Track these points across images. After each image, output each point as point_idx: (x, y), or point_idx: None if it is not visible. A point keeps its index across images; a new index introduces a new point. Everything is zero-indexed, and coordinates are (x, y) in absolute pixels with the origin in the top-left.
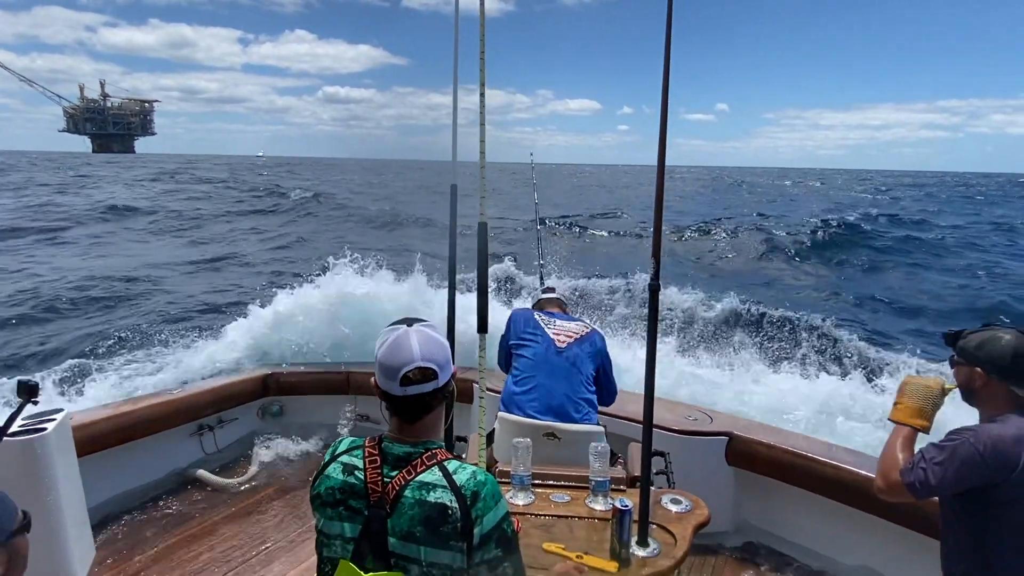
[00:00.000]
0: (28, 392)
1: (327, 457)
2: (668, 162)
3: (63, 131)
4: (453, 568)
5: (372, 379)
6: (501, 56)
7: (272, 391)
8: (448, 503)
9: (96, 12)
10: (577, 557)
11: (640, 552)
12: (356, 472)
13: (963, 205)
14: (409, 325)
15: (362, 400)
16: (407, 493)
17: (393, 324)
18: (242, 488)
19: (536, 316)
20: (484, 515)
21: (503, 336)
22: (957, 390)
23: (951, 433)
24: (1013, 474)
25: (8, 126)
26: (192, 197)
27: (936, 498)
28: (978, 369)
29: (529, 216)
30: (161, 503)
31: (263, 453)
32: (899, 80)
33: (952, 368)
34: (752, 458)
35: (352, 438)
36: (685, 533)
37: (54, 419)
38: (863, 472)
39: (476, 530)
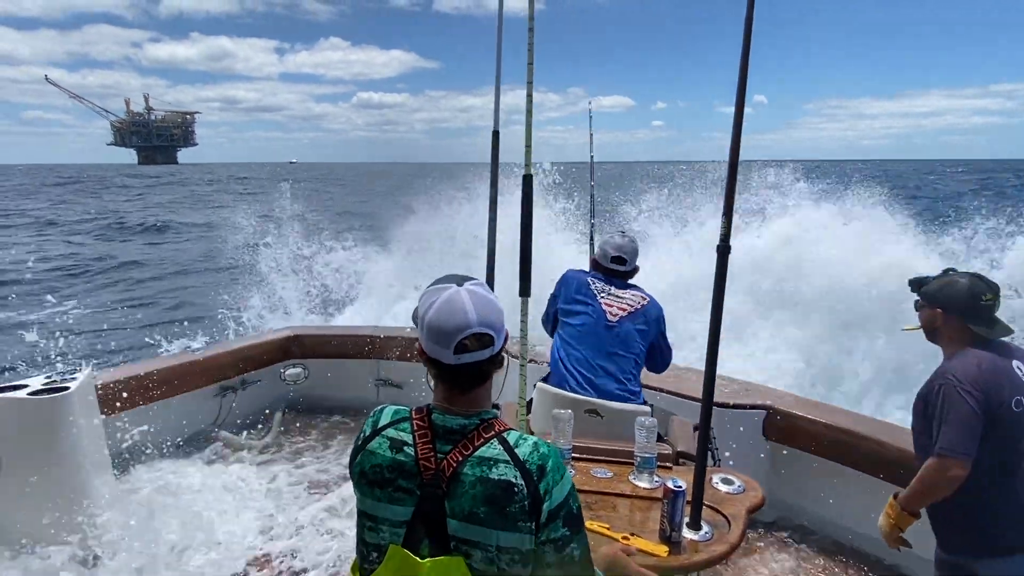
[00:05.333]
0: None
1: (367, 430)
2: (703, 157)
3: (111, 144)
4: (522, 551)
5: (417, 344)
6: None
7: (295, 354)
8: (513, 479)
9: (141, 28)
10: (623, 539)
11: (692, 536)
12: (406, 448)
13: None
14: (459, 284)
15: (385, 364)
16: (466, 470)
17: (439, 282)
18: (262, 451)
19: (590, 281)
20: (552, 488)
21: (552, 295)
22: (920, 331)
23: (925, 393)
24: (991, 399)
25: (61, 141)
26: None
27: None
28: (938, 309)
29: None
30: (181, 462)
31: (284, 417)
32: (948, 65)
33: (917, 311)
34: (791, 432)
35: (395, 407)
36: (739, 516)
37: (76, 377)
38: (909, 450)
39: (544, 506)
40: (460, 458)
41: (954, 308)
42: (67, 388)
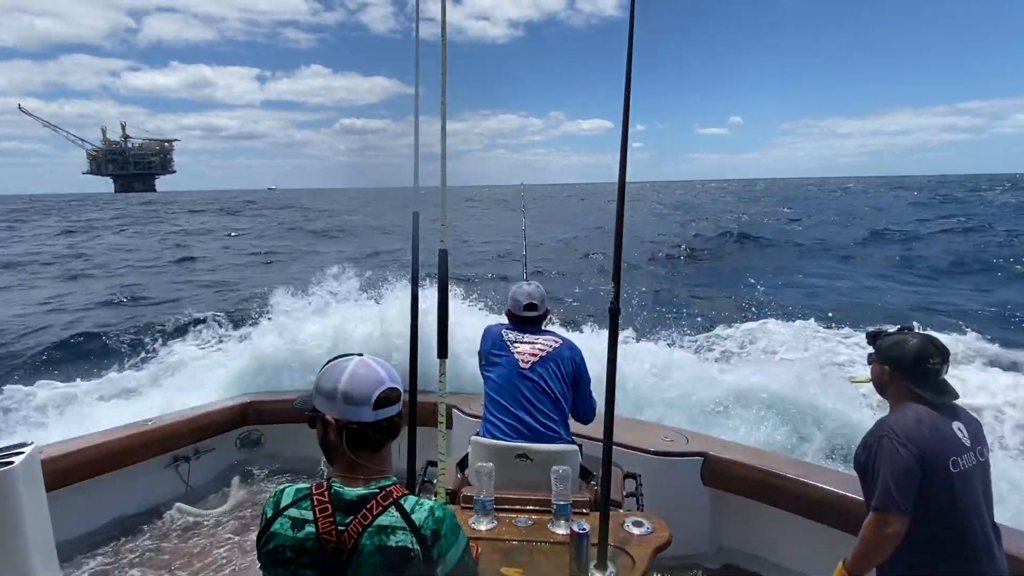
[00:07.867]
0: None
1: (269, 511)
2: (685, 177)
3: (87, 173)
4: None
5: (317, 422)
6: (512, 80)
7: (251, 420)
8: (410, 545)
9: (120, 58)
10: None
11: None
12: (307, 526)
13: None
14: (360, 355)
15: None
16: (365, 541)
17: (335, 359)
18: (220, 521)
19: (503, 333)
20: (446, 552)
21: (478, 353)
22: (871, 383)
23: (863, 447)
24: (927, 455)
25: (38, 171)
26: None
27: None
28: (887, 367)
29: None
30: (135, 537)
31: (242, 484)
32: (917, 84)
33: (868, 364)
34: (728, 478)
35: (296, 487)
36: (644, 555)
37: (22, 452)
38: (838, 491)
39: (439, 569)
40: (360, 529)
41: (900, 368)
42: (11, 463)
